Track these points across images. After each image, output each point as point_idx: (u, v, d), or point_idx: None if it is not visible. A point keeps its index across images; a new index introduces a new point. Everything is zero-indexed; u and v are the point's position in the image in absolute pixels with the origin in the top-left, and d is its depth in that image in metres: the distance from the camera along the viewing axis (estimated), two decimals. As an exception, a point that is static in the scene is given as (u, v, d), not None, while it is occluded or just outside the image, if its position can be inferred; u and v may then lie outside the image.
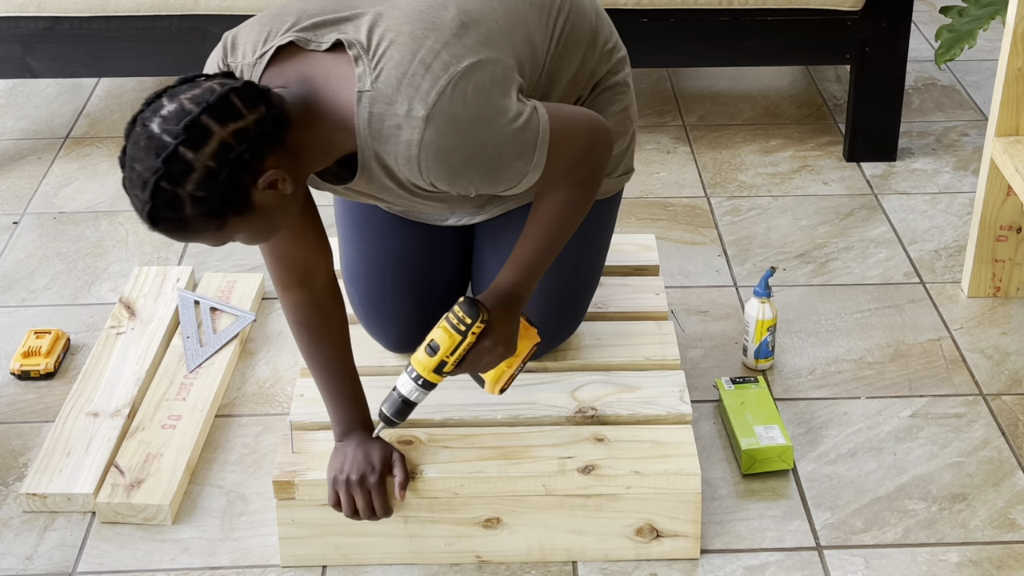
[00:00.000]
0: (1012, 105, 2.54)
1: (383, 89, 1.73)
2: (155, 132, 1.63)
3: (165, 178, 1.62)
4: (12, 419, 2.41)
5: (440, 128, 1.74)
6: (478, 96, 1.75)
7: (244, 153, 1.65)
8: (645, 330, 2.32)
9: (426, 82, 1.73)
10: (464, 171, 1.78)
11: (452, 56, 1.75)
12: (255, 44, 1.81)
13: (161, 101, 1.65)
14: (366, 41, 1.76)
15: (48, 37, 3.05)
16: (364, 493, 1.96)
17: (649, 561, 2.07)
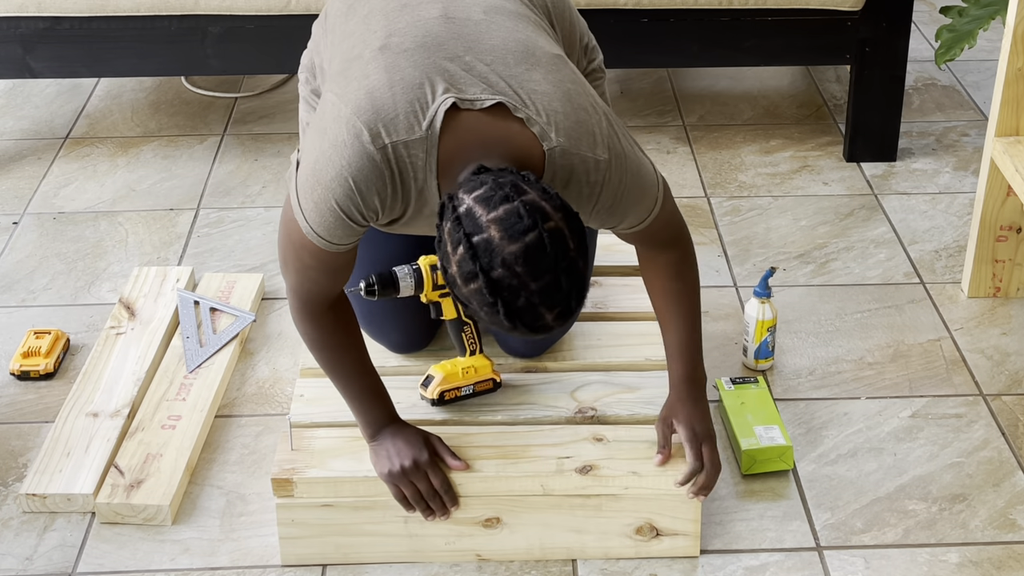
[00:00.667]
0: (1012, 105, 2.54)
1: (568, 144, 1.77)
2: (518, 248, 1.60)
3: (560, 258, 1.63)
4: (12, 419, 2.41)
5: (617, 166, 1.82)
6: (620, 129, 1.86)
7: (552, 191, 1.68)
8: (645, 330, 2.32)
9: (595, 126, 1.80)
10: (623, 202, 1.85)
11: (588, 94, 1.83)
12: (411, 114, 1.73)
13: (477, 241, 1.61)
14: (518, 97, 1.76)
15: (48, 37, 3.05)
16: (422, 476, 1.96)
17: (649, 560, 2.07)
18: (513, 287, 1.61)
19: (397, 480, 1.96)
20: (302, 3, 2.97)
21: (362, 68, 1.79)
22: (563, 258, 1.62)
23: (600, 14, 2.99)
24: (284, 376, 2.50)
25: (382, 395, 2.03)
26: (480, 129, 1.74)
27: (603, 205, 1.84)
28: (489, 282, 1.61)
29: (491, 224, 1.61)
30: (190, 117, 3.47)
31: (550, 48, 1.85)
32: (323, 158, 1.76)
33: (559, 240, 1.62)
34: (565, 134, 1.77)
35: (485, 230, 1.61)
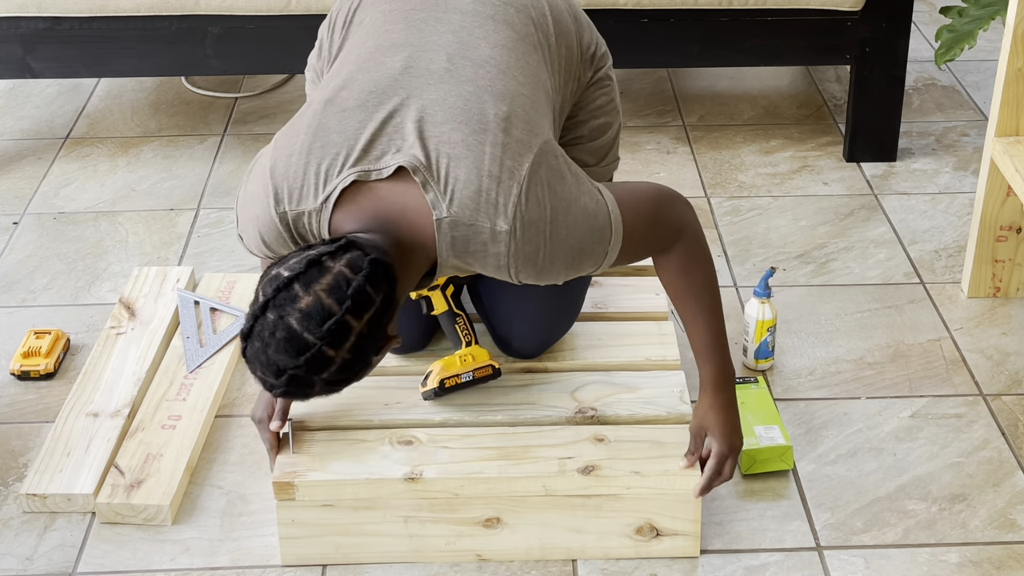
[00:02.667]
0: (1012, 105, 2.54)
1: (460, 213, 1.77)
2: (295, 329, 1.66)
3: (304, 371, 1.68)
4: (12, 419, 2.41)
5: (524, 236, 1.79)
6: (548, 194, 1.80)
7: (376, 336, 1.71)
8: (645, 330, 2.32)
9: (501, 197, 1.77)
10: (551, 267, 1.83)
11: (513, 160, 1.79)
12: (315, 186, 1.79)
13: (294, 290, 1.67)
14: (424, 159, 1.77)
15: (48, 37, 3.05)
16: (264, 429, 2.07)
17: (649, 560, 2.07)
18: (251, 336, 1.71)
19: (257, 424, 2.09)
20: (302, 3, 2.97)
21: (303, 121, 1.86)
22: (307, 371, 1.68)
23: (600, 14, 2.99)
24: (284, 376, 2.50)
25: None
26: (375, 201, 1.79)
27: (526, 272, 1.82)
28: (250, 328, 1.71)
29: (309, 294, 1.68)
30: (190, 117, 3.47)
31: (497, 102, 1.82)
32: (246, 196, 1.88)
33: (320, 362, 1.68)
34: (459, 203, 1.77)
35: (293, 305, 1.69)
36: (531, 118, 1.85)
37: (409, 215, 1.78)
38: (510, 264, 1.80)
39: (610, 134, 2.17)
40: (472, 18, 1.93)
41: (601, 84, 2.13)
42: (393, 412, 2.14)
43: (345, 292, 1.67)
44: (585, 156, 2.15)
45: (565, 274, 1.86)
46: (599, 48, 2.13)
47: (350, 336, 1.67)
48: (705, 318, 1.99)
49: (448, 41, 1.90)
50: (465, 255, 1.80)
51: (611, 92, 2.16)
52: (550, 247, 1.81)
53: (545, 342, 2.25)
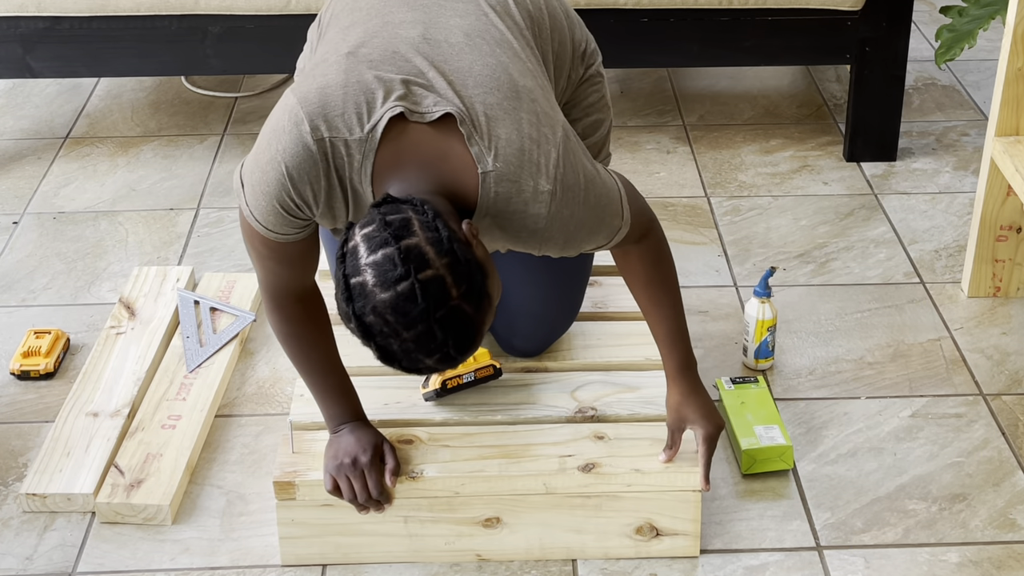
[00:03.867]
0: (1012, 105, 2.54)
1: (506, 170, 1.75)
2: (391, 296, 1.59)
3: (438, 308, 1.60)
4: (12, 419, 2.41)
5: (564, 198, 1.78)
6: (576, 161, 1.81)
7: (444, 231, 1.62)
8: (645, 330, 2.32)
9: (542, 158, 1.77)
10: (577, 234, 1.83)
11: (548, 127, 1.80)
12: (357, 115, 1.73)
13: (355, 282, 1.61)
14: (468, 113, 1.75)
15: (48, 37, 3.05)
16: (359, 475, 1.97)
17: (649, 560, 2.07)
18: (385, 333, 1.61)
19: (335, 473, 1.98)
20: (302, 3, 2.97)
21: (323, 69, 1.79)
22: (439, 307, 1.60)
23: (600, 14, 2.99)
24: (284, 376, 2.50)
25: (347, 393, 2.04)
26: (421, 143, 1.74)
27: (554, 240, 1.81)
28: (361, 326, 1.62)
29: (367, 268, 1.61)
30: (190, 117, 3.47)
31: (521, 78, 1.83)
32: (263, 142, 1.78)
33: (435, 289, 1.60)
34: (504, 160, 1.74)
35: (361, 273, 1.61)
36: (548, 95, 1.87)
37: (452, 163, 1.74)
38: (547, 227, 1.78)
39: (602, 131, 2.17)
40: (474, 6, 1.92)
41: (592, 81, 2.14)
42: (393, 411, 2.14)
43: (381, 235, 1.60)
44: None
45: (585, 243, 1.86)
46: (589, 45, 2.13)
47: (423, 249, 1.60)
48: (673, 308, 2.00)
49: (459, 23, 1.88)
50: (503, 215, 1.76)
51: (602, 89, 2.16)
52: (582, 214, 1.81)
53: (547, 340, 2.25)
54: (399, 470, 1.99)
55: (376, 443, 2.00)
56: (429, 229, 1.62)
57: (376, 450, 2.00)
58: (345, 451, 1.99)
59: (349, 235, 1.65)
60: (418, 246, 1.60)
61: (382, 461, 2.00)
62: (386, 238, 1.60)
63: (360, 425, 2.03)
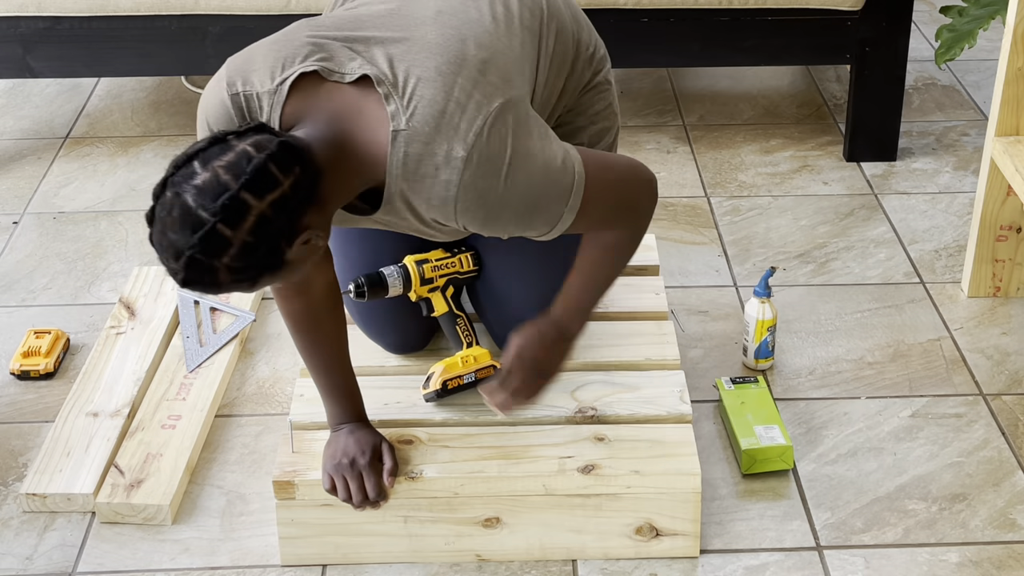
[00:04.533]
0: (1012, 105, 2.54)
1: (420, 128, 1.70)
2: (190, 205, 1.59)
3: (201, 253, 1.59)
4: (12, 419, 2.41)
5: (480, 169, 1.71)
6: (513, 136, 1.74)
7: (283, 223, 1.62)
8: (645, 330, 2.32)
9: (464, 122, 1.71)
10: (500, 213, 1.76)
11: (484, 96, 1.73)
12: (271, 71, 1.75)
13: (193, 167, 1.61)
14: (391, 75, 1.73)
15: (48, 37, 3.05)
16: (356, 476, 1.98)
17: (649, 560, 2.07)
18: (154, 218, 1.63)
19: (333, 473, 1.99)
20: (302, 3, 2.97)
21: (280, 31, 1.83)
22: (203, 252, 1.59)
23: (600, 14, 2.99)
24: (284, 376, 2.50)
25: (350, 393, 2.05)
26: (333, 99, 1.73)
27: (470, 213, 1.74)
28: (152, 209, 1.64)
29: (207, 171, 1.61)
30: (190, 117, 3.47)
31: (478, 50, 1.78)
32: (201, 99, 1.83)
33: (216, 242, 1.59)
34: (419, 119, 1.70)
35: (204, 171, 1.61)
36: (510, 74, 1.80)
37: (364, 119, 1.72)
38: (458, 196, 1.71)
39: (608, 139, 2.15)
40: None
41: (600, 88, 2.10)
42: (393, 411, 2.14)
43: (244, 168, 1.59)
44: None
45: (514, 226, 1.78)
46: (598, 50, 2.11)
47: (248, 215, 1.59)
48: (587, 280, 1.94)
49: (440, 3, 1.86)
50: (414, 179, 1.72)
51: (609, 96, 2.13)
52: (504, 191, 1.73)
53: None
54: (397, 471, 2.00)
55: (375, 444, 2.01)
56: (275, 208, 1.60)
57: (375, 451, 2.00)
58: (344, 451, 1.99)
59: (249, 131, 1.64)
60: (248, 208, 1.59)
61: (380, 461, 2.01)
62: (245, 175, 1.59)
63: (360, 426, 2.03)
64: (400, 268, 2.12)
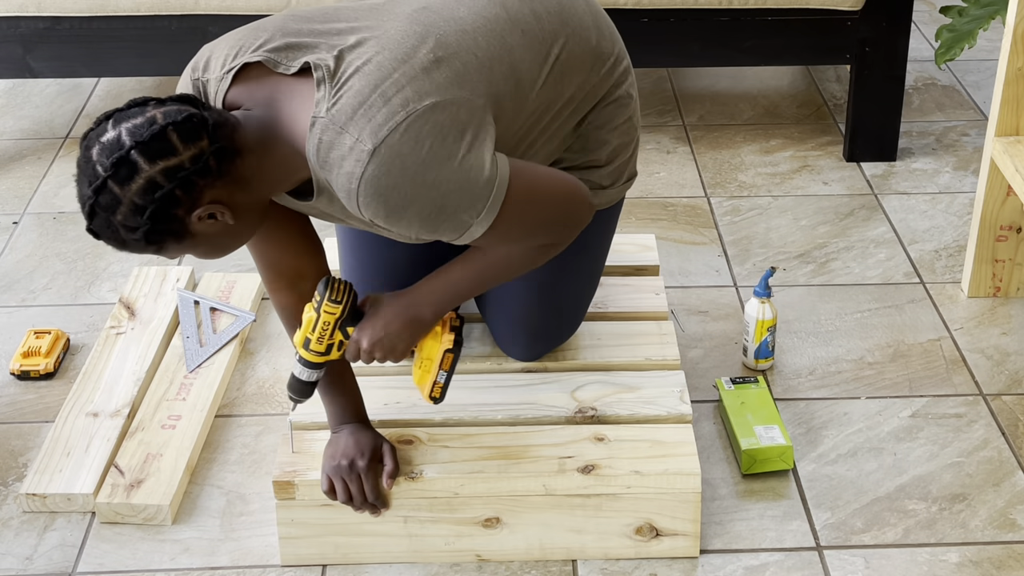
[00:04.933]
0: (1012, 105, 2.54)
1: (337, 117, 1.70)
2: (92, 158, 1.66)
3: (96, 205, 1.66)
4: (12, 419, 2.41)
5: (385, 164, 1.69)
6: (434, 137, 1.71)
7: (174, 190, 1.65)
8: (645, 330, 2.32)
9: (381, 115, 1.70)
10: (403, 213, 1.73)
11: (415, 92, 1.72)
12: (225, 58, 1.79)
13: (107, 125, 1.67)
14: (334, 65, 1.73)
15: (48, 37, 3.05)
16: (355, 478, 1.98)
17: (649, 560, 2.07)
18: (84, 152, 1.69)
19: (332, 474, 1.99)
20: (302, 3, 2.97)
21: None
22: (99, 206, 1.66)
23: (600, 14, 2.99)
24: (284, 376, 2.50)
25: (350, 393, 2.05)
26: (271, 87, 1.76)
27: (375, 206, 1.72)
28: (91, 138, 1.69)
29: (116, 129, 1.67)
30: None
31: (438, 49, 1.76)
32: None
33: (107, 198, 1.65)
34: (339, 108, 1.70)
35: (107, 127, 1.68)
36: (469, 76, 1.77)
37: (293, 106, 1.73)
38: (360, 189, 1.70)
39: (625, 153, 2.08)
40: None
41: (621, 102, 2.04)
42: (393, 411, 2.14)
43: (142, 134, 1.64)
44: (601, 179, 2.07)
45: (419, 228, 1.75)
46: (620, 62, 2.03)
47: (136, 177, 1.63)
48: (472, 278, 1.90)
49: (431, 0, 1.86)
50: (325, 167, 1.72)
51: (628, 111, 2.06)
52: (410, 190, 1.70)
53: (545, 350, 2.24)
54: (397, 473, 1.99)
55: (375, 446, 2.00)
56: (167, 175, 1.64)
57: (374, 453, 2.00)
58: (343, 452, 1.99)
59: (170, 99, 1.70)
60: (137, 171, 1.64)
61: (380, 463, 2.00)
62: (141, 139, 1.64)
63: (361, 427, 2.03)
64: (298, 359, 1.94)
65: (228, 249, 1.77)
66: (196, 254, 1.76)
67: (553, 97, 1.93)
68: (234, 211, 1.72)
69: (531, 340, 2.22)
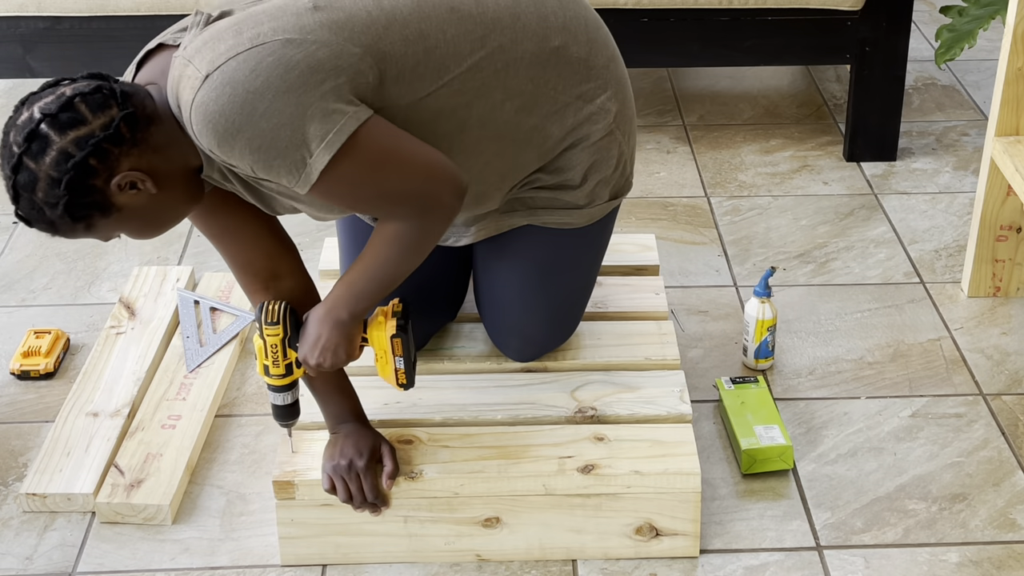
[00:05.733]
0: (1012, 105, 2.54)
1: (187, 52, 1.71)
2: (8, 142, 1.67)
3: (17, 185, 1.67)
4: (12, 419, 2.41)
5: (215, 90, 1.66)
6: (277, 68, 1.66)
7: (87, 159, 1.65)
8: (645, 330, 2.32)
9: (223, 46, 1.69)
10: (233, 141, 1.68)
11: (272, 29, 1.70)
12: (159, 39, 1.81)
13: (21, 109, 1.69)
14: (216, 16, 1.76)
15: (48, 37, 3.05)
16: (354, 478, 1.98)
17: (649, 560, 2.07)
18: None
19: (332, 474, 1.99)
20: (302, 3, 2.97)
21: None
22: (19, 186, 1.67)
23: (600, 14, 2.99)
24: (284, 376, 2.50)
25: (345, 392, 2.04)
26: (168, 58, 1.77)
27: (206, 132, 1.68)
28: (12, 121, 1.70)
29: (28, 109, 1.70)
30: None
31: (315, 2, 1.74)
32: None
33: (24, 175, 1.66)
34: (193, 45, 1.71)
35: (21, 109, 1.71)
36: (351, 28, 1.72)
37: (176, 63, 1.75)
38: (191, 116, 1.68)
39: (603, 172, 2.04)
40: None
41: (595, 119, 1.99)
42: (393, 411, 2.14)
43: (51, 107, 1.65)
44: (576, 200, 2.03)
45: (252, 160, 1.70)
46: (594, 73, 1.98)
47: (48, 149, 1.64)
48: (367, 268, 1.87)
49: None
50: (177, 102, 1.72)
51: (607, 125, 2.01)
52: (238, 118, 1.66)
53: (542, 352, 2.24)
54: (397, 473, 1.99)
55: (374, 445, 2.00)
56: (78, 144, 1.65)
57: (374, 453, 2.00)
58: (342, 452, 1.99)
59: (80, 77, 1.74)
60: (49, 143, 1.65)
61: (380, 463, 2.00)
62: (49, 113, 1.65)
63: (360, 427, 2.03)
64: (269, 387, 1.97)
65: (160, 225, 1.76)
66: (128, 231, 1.75)
67: (491, 83, 1.86)
68: (156, 180, 1.71)
69: (524, 345, 2.22)
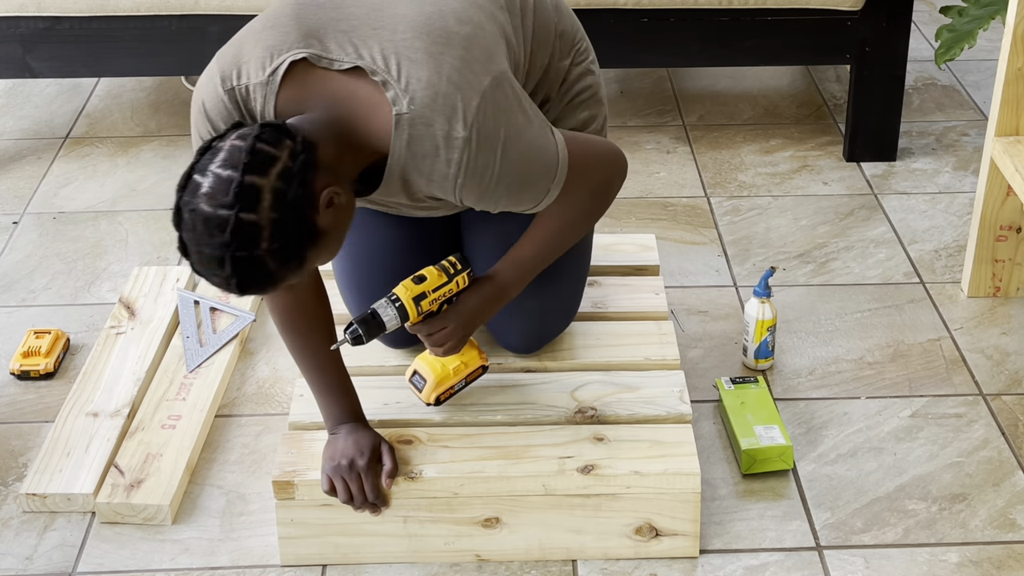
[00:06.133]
0: (1012, 105, 2.54)
1: (420, 111, 1.75)
2: (208, 212, 1.63)
3: (239, 249, 1.64)
4: (12, 419, 2.41)
5: (479, 147, 1.78)
6: (504, 115, 1.81)
7: (297, 189, 1.66)
8: (645, 330, 2.32)
9: (461, 103, 1.76)
10: (496, 188, 1.83)
11: (474, 74, 1.79)
12: (262, 61, 1.79)
13: (195, 180, 1.65)
14: (383, 63, 1.77)
15: (48, 37, 3.05)
16: (355, 478, 1.98)
17: (649, 560, 2.07)
18: (190, 235, 1.66)
19: (331, 474, 1.99)
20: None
21: (261, 15, 1.86)
22: (242, 249, 1.64)
23: (600, 14, 2.99)
24: (284, 376, 2.50)
25: (346, 393, 2.05)
26: (327, 85, 1.78)
27: (471, 188, 1.81)
28: (178, 215, 1.67)
29: (210, 176, 1.65)
30: (190, 117, 3.47)
31: (459, 25, 1.82)
32: (196, 88, 1.88)
33: (248, 233, 1.63)
34: (420, 103, 1.76)
35: (205, 176, 1.65)
36: (491, 49, 1.84)
37: (362, 103, 1.76)
38: (459, 174, 1.79)
39: (594, 127, 2.15)
40: None
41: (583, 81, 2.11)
42: (393, 411, 2.14)
43: (240, 158, 1.64)
44: None
45: (506, 201, 1.87)
46: (581, 42, 2.12)
47: (263, 195, 1.63)
48: (540, 250, 2.00)
49: None
50: (417, 157, 1.78)
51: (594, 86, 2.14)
52: (500, 167, 1.81)
53: (542, 339, 2.24)
54: (396, 472, 2.00)
55: (374, 445, 2.01)
56: (284, 179, 1.65)
57: (373, 452, 2.00)
58: (342, 452, 1.99)
59: (228, 132, 1.69)
60: (259, 189, 1.63)
61: (380, 463, 2.01)
62: (242, 163, 1.64)
63: (359, 426, 2.03)
64: (394, 302, 1.95)
65: (344, 238, 1.79)
66: (324, 256, 1.75)
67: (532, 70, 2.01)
68: (342, 189, 1.75)
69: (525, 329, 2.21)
